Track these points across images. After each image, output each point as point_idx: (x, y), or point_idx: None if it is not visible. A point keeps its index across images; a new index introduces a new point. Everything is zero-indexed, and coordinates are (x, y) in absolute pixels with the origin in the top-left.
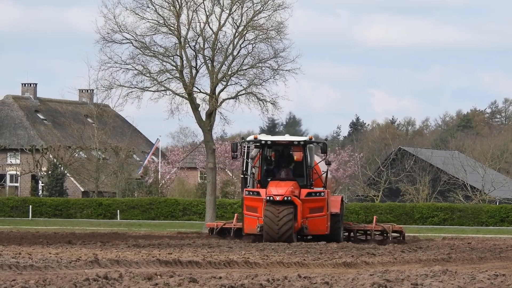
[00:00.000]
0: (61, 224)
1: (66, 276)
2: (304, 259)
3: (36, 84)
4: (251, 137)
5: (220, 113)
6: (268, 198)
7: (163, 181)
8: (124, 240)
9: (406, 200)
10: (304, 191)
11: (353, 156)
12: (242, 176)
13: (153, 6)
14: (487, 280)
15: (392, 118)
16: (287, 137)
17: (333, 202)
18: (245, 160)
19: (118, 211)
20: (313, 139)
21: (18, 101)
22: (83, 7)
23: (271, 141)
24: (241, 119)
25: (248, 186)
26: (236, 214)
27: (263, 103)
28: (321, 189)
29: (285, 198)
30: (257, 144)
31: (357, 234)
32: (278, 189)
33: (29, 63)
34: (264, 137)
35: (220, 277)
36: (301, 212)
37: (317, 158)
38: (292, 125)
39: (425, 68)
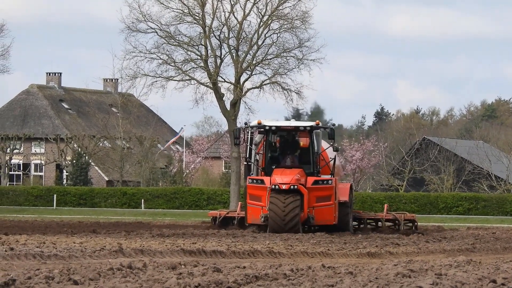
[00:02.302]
0: (86, 213)
1: (90, 265)
2: (328, 249)
3: (60, 74)
4: (254, 122)
5: (245, 102)
6: (273, 186)
7: (188, 171)
8: (149, 230)
9: (431, 190)
10: (311, 179)
11: (377, 146)
12: (246, 163)
13: None
14: (511, 270)
15: (417, 108)
16: (293, 122)
17: (342, 190)
18: (248, 147)
19: (143, 200)
20: (320, 124)
21: (43, 91)
22: None
23: (276, 126)
24: (265, 108)
25: (252, 174)
26: (240, 203)
27: (287, 92)
28: (328, 176)
29: (291, 187)
30: (261, 129)
31: (368, 223)
32: (283, 177)
33: (53, 52)
34: (268, 122)
35: (244, 267)
36: (308, 201)
37: (324, 144)
38: (317, 114)
39: (450, 58)
